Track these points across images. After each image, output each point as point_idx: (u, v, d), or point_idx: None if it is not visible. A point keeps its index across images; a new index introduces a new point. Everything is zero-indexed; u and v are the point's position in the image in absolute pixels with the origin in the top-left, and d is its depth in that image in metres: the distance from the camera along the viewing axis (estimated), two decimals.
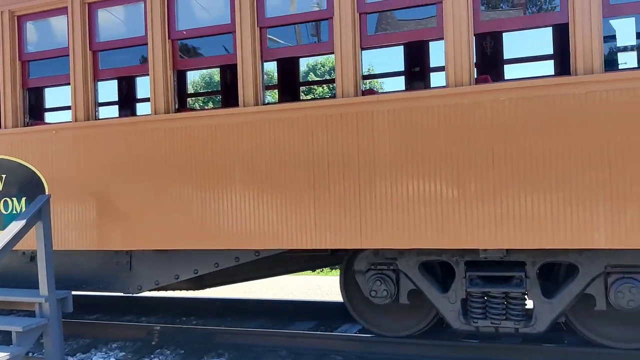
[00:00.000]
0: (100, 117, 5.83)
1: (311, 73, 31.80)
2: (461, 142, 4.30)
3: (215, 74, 35.23)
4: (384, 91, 6.15)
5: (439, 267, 5.01)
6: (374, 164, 4.54)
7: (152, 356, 5.55)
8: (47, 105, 8.27)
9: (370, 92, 4.86)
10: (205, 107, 19.40)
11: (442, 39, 4.44)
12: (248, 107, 4.90)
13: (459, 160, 4.31)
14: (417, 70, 7.13)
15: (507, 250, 4.51)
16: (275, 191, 4.82)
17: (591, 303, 4.49)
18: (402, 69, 7.33)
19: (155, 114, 5.22)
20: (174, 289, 6.21)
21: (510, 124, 4.19)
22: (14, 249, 4.87)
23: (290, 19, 4.98)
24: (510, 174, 4.20)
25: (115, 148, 5.33)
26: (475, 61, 6.74)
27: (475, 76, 4.35)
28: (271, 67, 9.52)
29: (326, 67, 36.77)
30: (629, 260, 4.34)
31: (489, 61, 6.75)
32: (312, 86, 21.32)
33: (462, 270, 4.71)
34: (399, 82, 6.99)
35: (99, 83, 5.72)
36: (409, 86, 7.28)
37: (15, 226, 4.83)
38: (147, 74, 5.29)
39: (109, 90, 10.98)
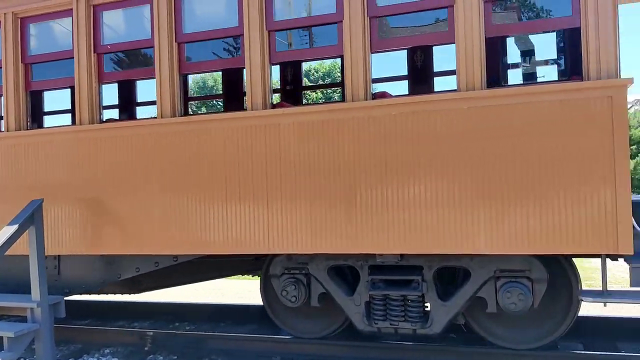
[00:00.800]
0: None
1: (304, 78, 32.12)
2: (357, 152, 4.56)
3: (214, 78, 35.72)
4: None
5: (349, 272, 5.25)
6: (281, 172, 4.79)
7: None
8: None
9: (281, 105, 5.11)
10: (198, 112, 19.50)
11: (341, 56, 4.72)
12: (165, 119, 5.15)
13: (355, 169, 4.57)
14: None
15: (401, 255, 4.76)
16: (190, 199, 5.06)
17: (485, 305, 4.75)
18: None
19: (80, 124, 5.45)
20: (107, 293, 6.42)
21: (400, 136, 4.45)
22: None
23: (207, 35, 5.21)
24: (400, 183, 4.46)
25: (43, 157, 5.55)
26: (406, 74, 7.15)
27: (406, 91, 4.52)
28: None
29: (319, 73, 37.15)
30: (517, 265, 4.61)
31: (419, 74, 7.05)
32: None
33: (366, 274, 4.96)
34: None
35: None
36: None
37: (8, 230, 4.85)
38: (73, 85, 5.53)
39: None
